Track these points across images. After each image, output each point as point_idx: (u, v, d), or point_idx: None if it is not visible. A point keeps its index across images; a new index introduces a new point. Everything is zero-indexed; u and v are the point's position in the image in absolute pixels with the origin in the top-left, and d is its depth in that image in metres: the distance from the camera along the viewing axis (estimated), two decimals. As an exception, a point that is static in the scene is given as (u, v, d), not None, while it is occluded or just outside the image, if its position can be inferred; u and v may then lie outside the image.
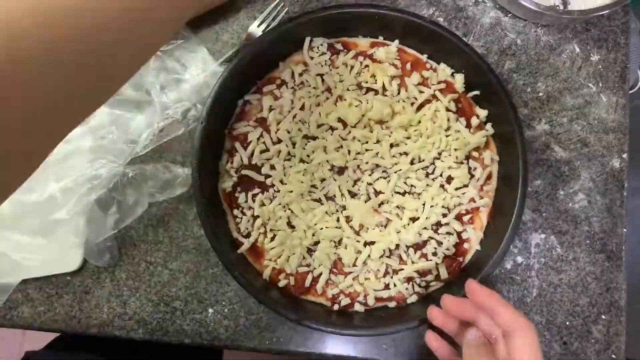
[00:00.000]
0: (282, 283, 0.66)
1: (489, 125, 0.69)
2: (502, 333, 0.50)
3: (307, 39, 0.70)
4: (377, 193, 0.68)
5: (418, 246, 0.67)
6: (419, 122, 0.69)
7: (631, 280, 0.71)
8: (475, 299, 0.53)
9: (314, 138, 0.69)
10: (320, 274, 0.67)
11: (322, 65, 0.70)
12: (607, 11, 0.69)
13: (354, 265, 0.67)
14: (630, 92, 0.94)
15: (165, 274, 0.69)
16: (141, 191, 0.67)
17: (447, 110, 0.69)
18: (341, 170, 0.68)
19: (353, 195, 0.68)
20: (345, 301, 0.66)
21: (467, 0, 0.75)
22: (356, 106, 0.69)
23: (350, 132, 0.69)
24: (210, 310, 0.69)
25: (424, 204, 0.67)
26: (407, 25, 0.68)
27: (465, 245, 0.68)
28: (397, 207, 0.68)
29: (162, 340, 0.68)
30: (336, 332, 0.62)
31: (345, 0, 0.75)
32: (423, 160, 0.68)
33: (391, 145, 0.69)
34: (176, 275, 0.69)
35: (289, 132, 0.68)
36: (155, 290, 0.69)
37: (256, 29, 0.73)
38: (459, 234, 0.67)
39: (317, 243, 0.67)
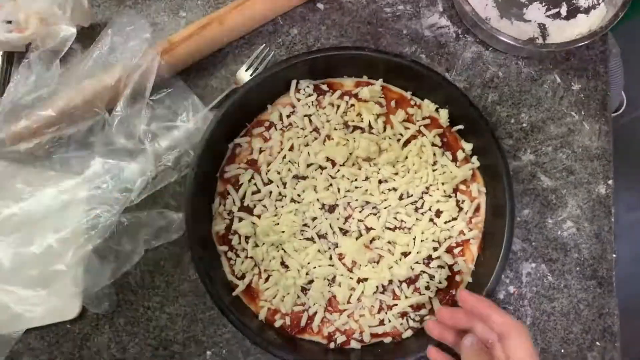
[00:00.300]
0: (278, 323, 0.67)
1: (474, 158, 0.70)
2: (497, 337, 0.51)
3: (294, 82, 0.72)
4: (368, 229, 0.69)
5: (411, 280, 0.68)
6: (406, 157, 0.70)
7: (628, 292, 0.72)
8: (467, 307, 0.55)
9: (304, 177, 0.70)
10: (316, 312, 0.68)
11: (309, 106, 0.72)
12: (584, 43, 0.70)
13: (349, 302, 0.68)
14: (617, 113, 0.95)
15: (163, 318, 0.70)
16: (137, 238, 0.68)
17: (433, 145, 0.71)
18: (332, 208, 0.70)
19: (344, 232, 0.70)
20: (341, 339, 0.67)
21: (448, 37, 0.77)
22: (344, 145, 0.70)
23: (339, 170, 0.70)
24: (209, 353, 0.69)
25: (414, 239, 0.68)
26: (390, 64, 0.70)
27: (457, 278, 0.69)
28: (389, 242, 0.69)
29: (162, 384, 0.69)
30: (333, 371, 0.63)
31: (329, 42, 0.77)
32: (411, 195, 0.70)
33: (379, 182, 0.70)
34: (174, 319, 0.70)
35: (279, 173, 0.70)
36: (153, 335, 0.70)
37: (244, 73, 0.75)
38: (450, 266, 0.68)
39: (311, 282, 0.68)
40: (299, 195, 0.70)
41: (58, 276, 0.68)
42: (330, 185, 0.70)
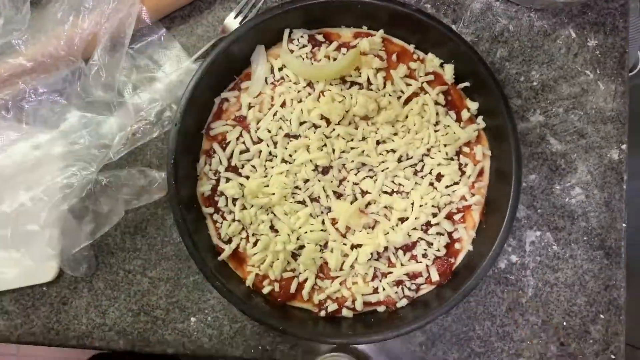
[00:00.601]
0: (266, 290, 0.64)
1: (480, 119, 0.66)
2: None
3: (287, 31, 0.67)
4: (363, 193, 0.65)
5: (407, 248, 0.65)
6: (406, 117, 0.66)
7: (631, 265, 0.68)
8: None
9: (296, 137, 0.66)
10: (306, 279, 0.64)
11: (303, 59, 0.67)
12: (604, -7, 0.65)
13: (341, 269, 0.64)
14: (630, 74, 0.90)
15: (144, 283, 0.67)
16: (116, 198, 0.64)
17: (436, 103, 0.66)
18: (325, 170, 0.65)
19: (338, 196, 0.65)
20: (332, 307, 0.64)
21: (456, -15, 0.71)
22: (340, 102, 0.65)
23: (334, 129, 0.65)
24: (193, 319, 0.66)
25: (412, 204, 0.64)
26: (392, 13, 0.65)
27: (457, 246, 0.65)
28: (385, 207, 0.65)
29: (144, 350, 0.66)
30: (323, 342, 0.60)
31: (326, -12, 0.71)
32: (411, 157, 0.65)
33: (377, 143, 0.66)
34: (156, 284, 0.67)
35: (269, 131, 0.65)
36: (135, 300, 0.67)
37: (233, 21, 0.70)
38: (449, 234, 0.65)
39: (301, 247, 0.65)
40: (290, 156, 0.65)
41: (32, 237, 0.64)
42: (325, 145, 0.65)
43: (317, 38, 0.68)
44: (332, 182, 0.65)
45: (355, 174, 0.65)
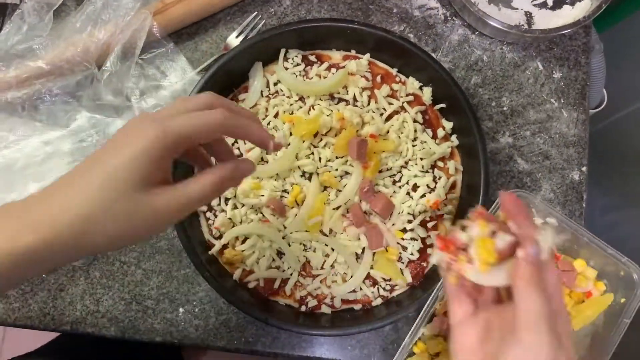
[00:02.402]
0: (251, 284, 0.68)
1: (454, 137, 0.72)
2: None
3: (282, 50, 0.73)
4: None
5: (384, 251, 0.70)
6: (387, 132, 0.72)
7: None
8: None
9: (287, 144, 0.71)
10: (290, 275, 0.69)
11: (296, 76, 0.73)
12: (567, 30, 0.72)
13: (322, 268, 0.69)
14: (597, 109, 0.98)
15: (138, 274, 0.71)
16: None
17: (415, 121, 0.72)
18: (311, 176, 0.71)
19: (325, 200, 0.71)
20: (312, 303, 0.68)
21: (437, 18, 0.79)
22: (328, 115, 0.72)
23: (321, 139, 0.71)
24: (181, 310, 0.70)
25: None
26: (378, 40, 0.72)
27: (429, 251, 0.70)
28: (365, 212, 0.70)
29: (133, 338, 0.70)
30: (303, 332, 0.64)
31: (320, 15, 0.78)
32: (390, 168, 0.71)
33: (360, 154, 0.71)
34: (149, 275, 0.71)
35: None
36: (128, 289, 0.71)
37: (234, 39, 0.76)
38: (423, 239, 0.70)
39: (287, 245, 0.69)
40: (280, 162, 0.71)
41: (37, 224, 0.68)
42: (312, 153, 0.71)
43: (310, 58, 0.74)
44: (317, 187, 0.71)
45: (339, 181, 0.71)
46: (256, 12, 0.77)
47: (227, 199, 0.70)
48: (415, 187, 0.71)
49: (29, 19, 0.70)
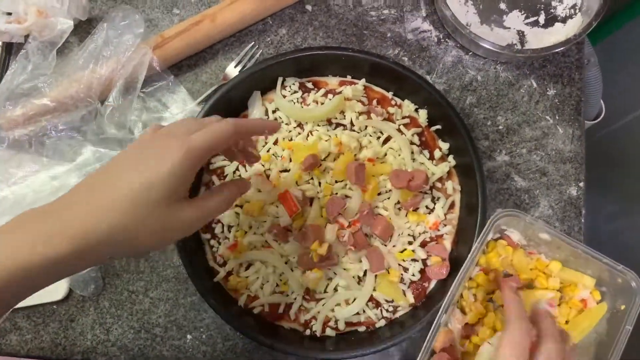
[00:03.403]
0: (256, 310, 0.70)
1: (450, 157, 0.73)
2: None
3: (280, 79, 0.75)
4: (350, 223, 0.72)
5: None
6: (385, 154, 0.73)
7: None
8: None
9: (287, 170, 0.73)
10: (294, 300, 0.70)
11: (294, 103, 0.75)
12: (559, 49, 0.74)
13: (325, 292, 0.70)
14: (596, 121, 0.98)
15: (146, 302, 0.73)
16: (123, 224, 0.71)
17: (411, 143, 0.74)
18: (312, 201, 0.72)
19: (324, 224, 0.72)
20: (317, 326, 0.69)
21: (430, 41, 0.80)
22: (326, 140, 0.73)
23: (320, 164, 0.73)
24: (189, 337, 0.72)
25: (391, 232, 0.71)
26: (373, 65, 0.73)
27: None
28: (366, 235, 0.72)
29: (143, 366, 0.71)
30: (308, 356, 0.65)
31: (315, 42, 0.80)
32: (390, 190, 0.73)
33: (359, 177, 0.73)
34: (156, 303, 0.73)
35: (263, 165, 0.73)
36: (136, 318, 0.72)
37: (233, 69, 0.78)
38: (424, 260, 0.71)
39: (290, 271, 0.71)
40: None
41: (46, 258, 0.70)
42: (312, 178, 0.73)
43: (307, 85, 0.76)
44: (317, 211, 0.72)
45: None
46: (253, 42, 0.79)
47: (229, 227, 0.71)
48: (414, 209, 0.72)
49: (34, 58, 0.73)
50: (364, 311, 0.70)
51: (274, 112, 0.75)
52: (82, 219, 0.43)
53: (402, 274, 0.71)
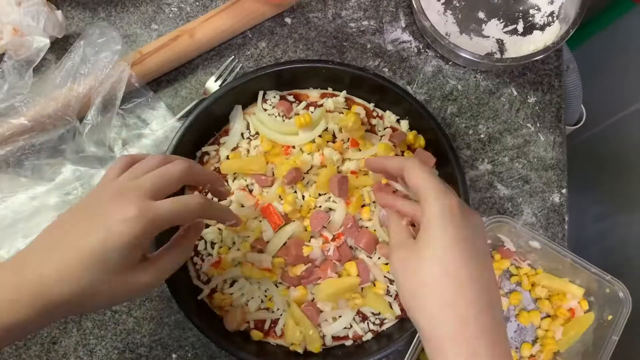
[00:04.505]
0: (242, 327, 0.69)
1: (433, 168, 0.73)
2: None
3: (261, 92, 0.75)
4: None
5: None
6: (368, 166, 0.73)
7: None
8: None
9: (270, 185, 0.73)
10: (280, 316, 0.70)
11: (275, 116, 0.75)
12: (538, 57, 0.74)
13: (310, 306, 0.70)
14: (577, 126, 0.99)
15: (130, 322, 0.72)
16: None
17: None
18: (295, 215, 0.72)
19: (309, 238, 0.72)
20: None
21: (410, 51, 0.80)
22: (308, 154, 0.73)
23: (303, 177, 0.73)
24: (174, 356, 0.71)
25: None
26: (353, 77, 0.73)
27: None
28: (350, 247, 0.71)
29: (128, 387, 0.70)
30: (294, 372, 0.65)
31: (296, 55, 0.80)
32: (373, 202, 0.72)
33: (343, 190, 0.72)
34: (140, 323, 0.72)
35: (245, 180, 0.72)
36: (120, 338, 0.71)
37: (213, 84, 0.78)
38: (409, 272, 0.71)
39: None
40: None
41: (26, 280, 0.69)
42: (295, 192, 0.72)
43: (288, 98, 0.76)
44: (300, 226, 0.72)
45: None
46: (233, 56, 0.79)
47: (213, 244, 0.71)
48: (398, 220, 0.72)
49: (10, 77, 0.72)
50: (350, 325, 0.70)
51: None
52: (44, 280, 0.44)
53: (388, 286, 0.70)
